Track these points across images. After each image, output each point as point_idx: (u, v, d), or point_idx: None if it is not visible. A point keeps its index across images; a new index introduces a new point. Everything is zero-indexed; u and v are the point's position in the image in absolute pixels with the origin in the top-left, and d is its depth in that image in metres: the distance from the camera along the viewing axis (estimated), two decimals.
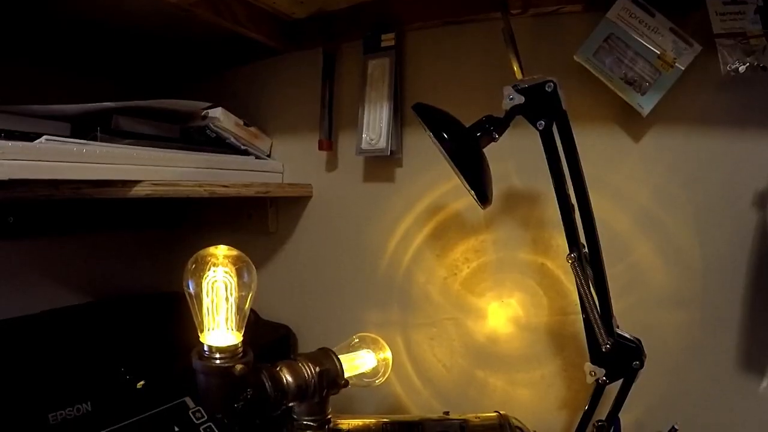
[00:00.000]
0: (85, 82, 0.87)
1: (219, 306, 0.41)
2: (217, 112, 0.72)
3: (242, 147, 0.77)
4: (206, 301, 0.41)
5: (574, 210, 0.50)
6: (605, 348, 0.50)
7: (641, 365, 0.50)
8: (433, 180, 0.70)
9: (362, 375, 0.52)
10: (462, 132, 0.50)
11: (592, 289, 0.50)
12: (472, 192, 0.50)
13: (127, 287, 0.91)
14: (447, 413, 0.51)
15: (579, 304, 0.50)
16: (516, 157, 0.64)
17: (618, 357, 0.50)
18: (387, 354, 0.53)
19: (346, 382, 0.48)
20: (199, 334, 0.42)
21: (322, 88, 0.74)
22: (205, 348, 0.41)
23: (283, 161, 0.84)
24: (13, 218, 0.80)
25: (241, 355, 0.42)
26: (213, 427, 0.65)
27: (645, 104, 0.56)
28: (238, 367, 0.41)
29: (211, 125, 0.72)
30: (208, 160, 0.70)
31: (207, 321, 0.42)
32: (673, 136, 0.58)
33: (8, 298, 0.78)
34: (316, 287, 0.83)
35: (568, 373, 0.65)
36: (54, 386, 0.60)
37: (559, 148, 0.48)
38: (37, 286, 0.83)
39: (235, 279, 0.42)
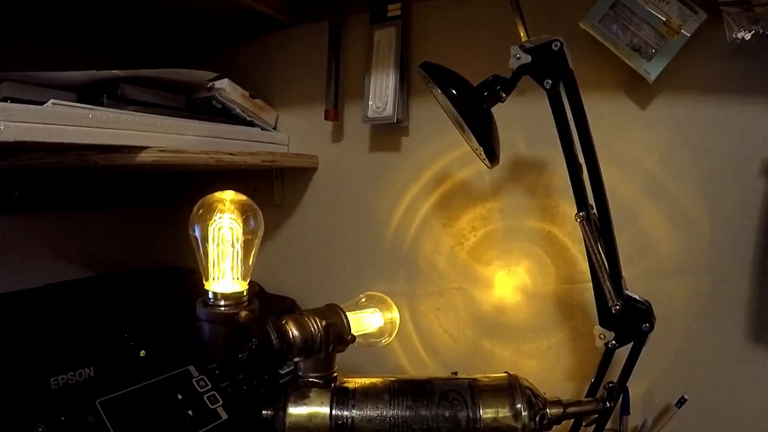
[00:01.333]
0: (90, 57, 0.87)
1: (225, 253, 0.41)
2: (224, 83, 0.72)
3: (248, 118, 0.77)
4: (212, 247, 0.41)
5: (581, 169, 0.49)
6: (615, 309, 0.49)
7: (651, 328, 0.49)
8: (440, 148, 0.70)
9: (368, 335, 0.51)
10: (470, 89, 0.49)
11: (600, 249, 0.50)
12: (481, 149, 0.50)
13: (131, 262, 0.91)
14: (455, 373, 0.50)
15: (586, 272, 0.50)
16: (523, 124, 0.64)
17: (628, 319, 0.50)
18: (394, 314, 0.52)
19: (353, 338, 0.47)
20: (204, 283, 0.42)
21: (328, 59, 0.74)
22: (210, 295, 0.41)
23: (289, 134, 0.83)
24: (18, 193, 0.80)
25: (246, 302, 0.42)
26: (217, 395, 0.64)
27: (651, 70, 0.56)
28: (243, 313, 0.40)
29: (217, 96, 0.72)
30: (214, 130, 0.70)
31: (212, 268, 0.41)
32: (680, 103, 0.57)
33: (12, 272, 0.78)
34: (322, 259, 0.83)
35: (575, 343, 0.64)
36: (56, 351, 0.59)
37: (566, 108, 0.48)
38: (42, 261, 0.83)
39: (242, 226, 0.41)
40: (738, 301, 0.55)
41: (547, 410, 0.49)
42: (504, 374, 0.50)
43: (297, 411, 0.47)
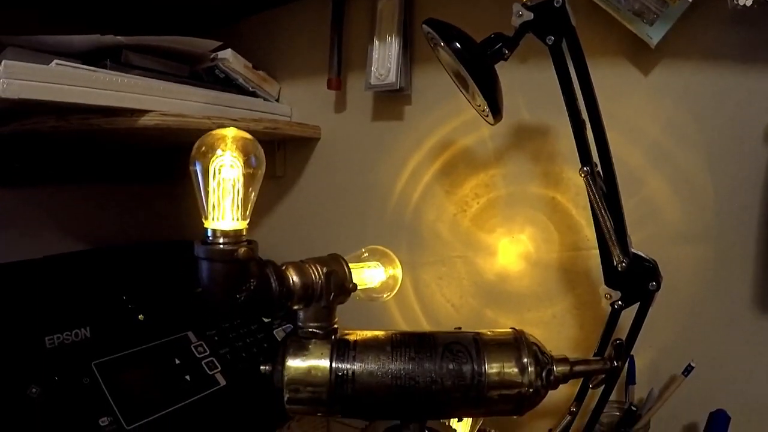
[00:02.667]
0: (91, 31, 0.87)
1: (225, 191, 0.40)
2: (227, 53, 0.72)
3: (251, 89, 0.77)
4: (212, 186, 0.40)
5: (585, 126, 0.49)
6: (621, 267, 0.48)
7: (658, 287, 0.48)
8: (443, 116, 0.69)
9: (370, 290, 0.50)
10: (474, 43, 0.50)
11: (605, 205, 0.49)
12: (485, 103, 0.50)
13: (132, 236, 0.91)
14: (459, 328, 0.49)
15: (591, 239, 0.49)
16: (526, 91, 0.64)
17: (634, 278, 0.48)
18: (397, 271, 0.51)
19: (355, 286, 0.46)
20: (203, 222, 0.41)
21: (331, 31, 0.75)
22: (209, 232, 0.40)
23: (292, 106, 0.83)
24: (19, 164, 0.80)
25: (245, 241, 0.41)
26: (215, 361, 0.63)
27: (653, 35, 0.56)
28: (242, 249, 0.39)
29: (220, 65, 0.72)
30: (217, 97, 0.70)
31: (211, 207, 0.41)
32: (683, 69, 0.57)
33: (11, 244, 0.78)
34: (324, 230, 0.82)
35: (580, 311, 0.63)
36: (52, 309, 0.58)
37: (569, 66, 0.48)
38: (41, 233, 0.82)
39: (242, 164, 0.41)
40: (744, 268, 0.54)
41: (554, 367, 0.48)
42: (509, 329, 0.49)
43: (296, 364, 0.46)
